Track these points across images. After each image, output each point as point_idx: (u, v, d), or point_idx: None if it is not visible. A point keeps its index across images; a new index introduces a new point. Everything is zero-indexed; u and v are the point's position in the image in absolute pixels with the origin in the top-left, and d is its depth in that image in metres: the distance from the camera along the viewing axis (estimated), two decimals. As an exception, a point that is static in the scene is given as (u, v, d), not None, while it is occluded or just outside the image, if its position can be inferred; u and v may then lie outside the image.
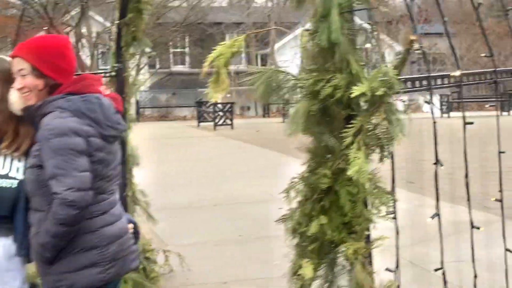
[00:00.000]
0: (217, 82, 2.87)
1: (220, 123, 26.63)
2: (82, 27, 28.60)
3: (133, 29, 5.42)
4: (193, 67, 36.13)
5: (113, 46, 5.58)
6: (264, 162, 14.28)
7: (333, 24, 2.63)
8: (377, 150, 2.77)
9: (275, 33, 35.86)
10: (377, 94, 2.62)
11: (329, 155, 2.77)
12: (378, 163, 2.81)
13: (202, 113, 27.93)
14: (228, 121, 26.72)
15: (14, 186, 2.96)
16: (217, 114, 26.85)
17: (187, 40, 38.18)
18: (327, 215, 2.74)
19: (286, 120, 2.73)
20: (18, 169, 2.99)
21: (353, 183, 2.68)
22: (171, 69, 38.07)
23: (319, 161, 2.78)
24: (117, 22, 5.48)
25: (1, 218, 2.96)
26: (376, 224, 2.85)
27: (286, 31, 34.53)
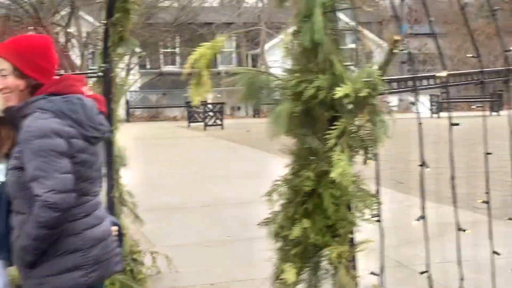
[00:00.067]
0: (198, 84, 2.83)
1: (211, 123, 26.66)
2: (72, 27, 28.47)
3: (120, 29, 5.37)
4: (184, 68, 35.99)
5: (101, 46, 5.55)
6: (254, 163, 14.26)
7: (316, 24, 2.59)
8: (361, 152, 2.74)
9: (265, 34, 35.83)
10: (360, 95, 2.58)
11: (312, 157, 2.73)
12: (362, 165, 2.78)
13: (192, 113, 27.92)
14: (218, 121, 26.76)
15: (-5, 188, 2.92)
16: (207, 114, 26.87)
17: (177, 40, 38.09)
18: (310, 218, 2.70)
19: (269, 121, 2.69)
20: (-1, 171, 2.95)
21: (336, 185, 2.64)
22: (161, 69, 37.98)
23: (302, 163, 2.75)
24: (104, 22, 5.44)
25: (-19, 221, 2.92)
26: (360, 227, 2.82)
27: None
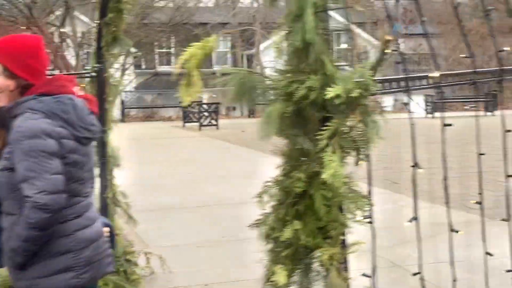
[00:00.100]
0: (189, 84, 2.81)
1: (206, 123, 26.66)
2: (67, 27, 28.44)
3: (114, 29, 5.36)
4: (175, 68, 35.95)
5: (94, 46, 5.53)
6: (248, 163, 14.24)
7: (307, 23, 2.57)
8: (353, 153, 2.72)
9: (260, 34, 35.82)
10: (352, 95, 2.57)
11: (304, 158, 2.72)
12: (354, 166, 2.77)
13: (187, 113, 27.92)
14: (213, 121, 26.76)
15: (-16, 189, 2.90)
16: (202, 114, 26.86)
17: (172, 40, 38.06)
18: (301, 219, 2.69)
19: (260, 121, 2.67)
20: (-11, 172, 2.93)
21: (328, 186, 2.62)
22: (156, 69, 37.95)
23: (293, 164, 2.73)
24: (97, 22, 5.42)
25: (-29, 222, 2.90)
26: (352, 228, 2.81)
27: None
